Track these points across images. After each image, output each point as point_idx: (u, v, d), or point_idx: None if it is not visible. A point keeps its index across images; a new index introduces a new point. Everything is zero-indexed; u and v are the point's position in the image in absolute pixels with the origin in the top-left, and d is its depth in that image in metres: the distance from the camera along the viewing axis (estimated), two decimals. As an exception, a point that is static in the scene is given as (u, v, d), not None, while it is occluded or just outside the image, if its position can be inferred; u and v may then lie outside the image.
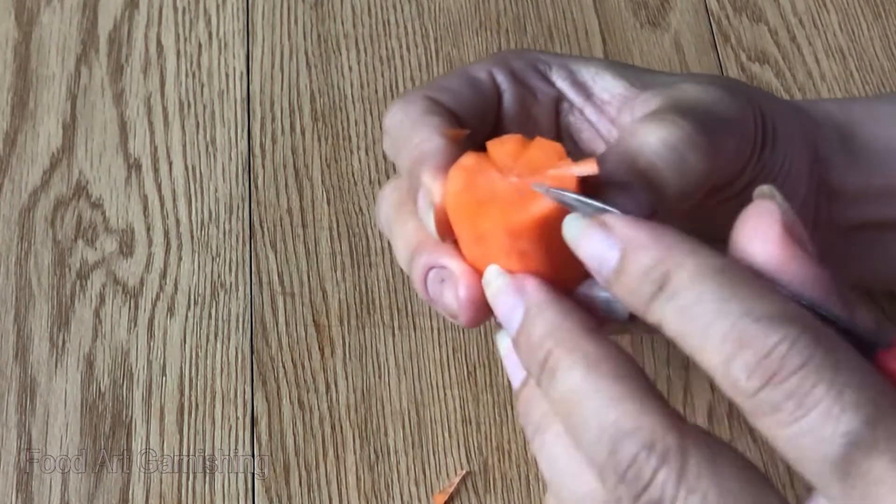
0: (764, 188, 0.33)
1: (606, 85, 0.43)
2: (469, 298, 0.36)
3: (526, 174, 0.35)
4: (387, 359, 0.54)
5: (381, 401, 0.53)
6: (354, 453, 0.52)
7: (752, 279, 0.31)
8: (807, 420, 0.29)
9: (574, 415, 0.32)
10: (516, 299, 0.34)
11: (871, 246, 0.47)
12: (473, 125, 0.41)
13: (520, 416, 0.36)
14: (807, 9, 0.65)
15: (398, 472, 0.52)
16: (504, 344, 0.37)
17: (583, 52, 0.63)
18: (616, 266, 0.32)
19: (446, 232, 0.37)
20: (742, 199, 0.41)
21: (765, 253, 0.32)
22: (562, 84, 0.43)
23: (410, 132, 0.38)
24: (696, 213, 0.40)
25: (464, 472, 0.51)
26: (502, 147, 0.37)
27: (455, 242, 0.37)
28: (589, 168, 0.34)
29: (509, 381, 0.47)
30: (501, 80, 0.42)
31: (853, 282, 0.54)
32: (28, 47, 0.63)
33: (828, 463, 0.29)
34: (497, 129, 0.43)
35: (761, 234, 0.32)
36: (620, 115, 0.42)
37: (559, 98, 0.43)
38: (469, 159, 0.36)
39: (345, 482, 0.51)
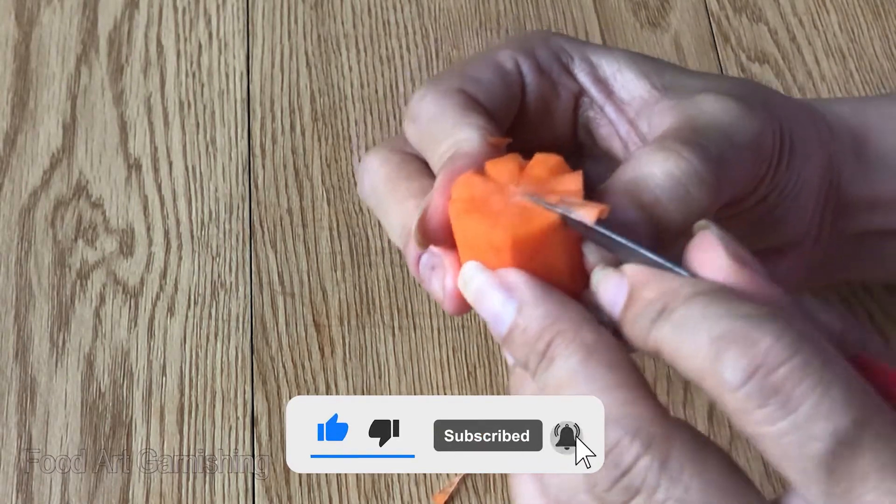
0: (701, 222, 0.35)
1: (627, 84, 0.42)
2: (455, 290, 0.37)
3: (531, 191, 0.35)
4: (387, 359, 0.54)
5: (381, 401, 0.53)
6: (354, 453, 0.52)
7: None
8: (794, 417, 0.29)
9: None
10: (506, 295, 0.34)
11: (870, 252, 0.47)
12: (499, 120, 0.40)
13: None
14: (807, 9, 0.65)
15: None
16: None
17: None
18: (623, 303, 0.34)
19: (436, 239, 0.37)
20: (753, 214, 0.41)
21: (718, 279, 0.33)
22: (584, 79, 0.42)
23: (452, 129, 0.38)
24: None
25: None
26: (503, 166, 0.36)
27: (448, 248, 0.37)
28: (595, 213, 0.34)
29: (507, 379, 0.47)
30: (526, 71, 0.41)
31: (848, 279, 0.54)
32: (28, 47, 0.63)
33: (814, 460, 0.29)
34: (517, 124, 0.42)
35: (708, 265, 0.33)
36: (639, 119, 0.42)
37: (580, 92, 0.43)
38: (471, 177, 0.36)
39: (345, 482, 0.51)
